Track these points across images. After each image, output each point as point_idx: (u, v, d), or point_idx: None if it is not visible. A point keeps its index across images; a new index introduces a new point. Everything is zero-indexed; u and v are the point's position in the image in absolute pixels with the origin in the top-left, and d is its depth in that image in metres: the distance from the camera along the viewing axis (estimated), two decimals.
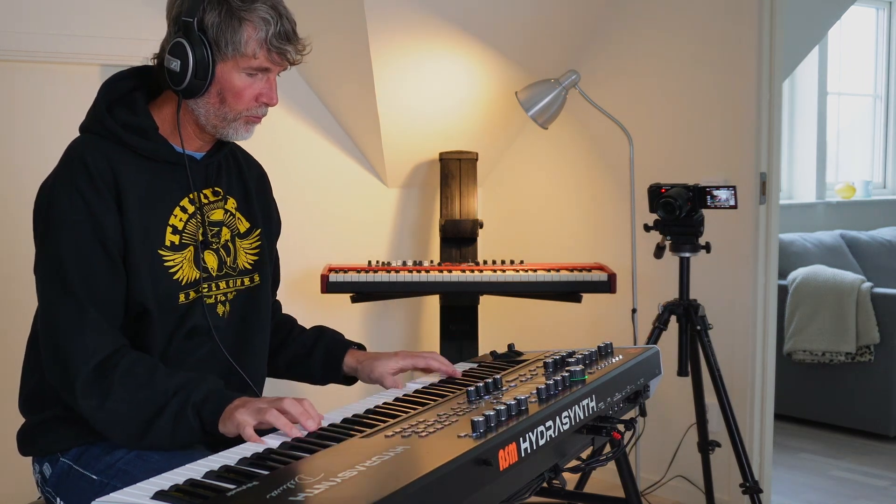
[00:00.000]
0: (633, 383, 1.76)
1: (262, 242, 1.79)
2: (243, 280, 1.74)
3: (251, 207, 1.78)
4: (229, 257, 1.71)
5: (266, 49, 1.58)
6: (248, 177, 1.80)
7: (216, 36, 1.57)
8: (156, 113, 1.66)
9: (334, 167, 3.62)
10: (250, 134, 1.67)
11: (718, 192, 2.72)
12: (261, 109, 1.65)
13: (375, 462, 1.18)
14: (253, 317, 1.76)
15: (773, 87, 3.09)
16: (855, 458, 3.91)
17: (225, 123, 1.63)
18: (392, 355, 1.81)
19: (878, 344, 4.10)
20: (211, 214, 1.69)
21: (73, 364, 1.50)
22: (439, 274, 3.04)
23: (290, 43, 1.60)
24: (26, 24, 2.83)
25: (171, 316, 1.62)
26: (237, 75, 1.59)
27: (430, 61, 3.38)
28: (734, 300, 3.19)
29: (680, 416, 3.29)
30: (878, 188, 6.29)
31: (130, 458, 1.56)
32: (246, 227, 1.76)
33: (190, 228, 1.65)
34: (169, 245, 1.61)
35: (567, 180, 3.73)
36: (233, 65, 1.58)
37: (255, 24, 1.56)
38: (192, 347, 1.65)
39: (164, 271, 1.60)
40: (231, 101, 1.61)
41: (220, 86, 1.60)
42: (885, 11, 6.14)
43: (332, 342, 1.87)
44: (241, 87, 1.60)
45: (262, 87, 1.62)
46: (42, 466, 1.66)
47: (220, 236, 1.70)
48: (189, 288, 1.64)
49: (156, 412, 1.49)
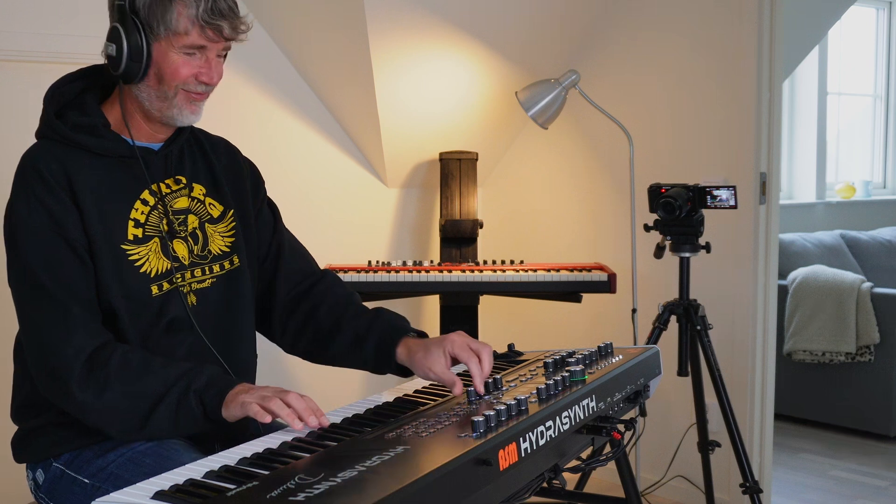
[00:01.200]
0: (633, 383, 1.75)
1: (237, 224, 1.75)
2: (222, 264, 1.71)
3: (221, 190, 1.75)
4: (197, 245, 1.68)
5: (199, 26, 1.55)
6: (214, 160, 1.77)
7: (147, 16, 1.55)
8: (108, 110, 1.65)
9: (334, 167, 3.62)
10: (197, 116, 1.64)
11: (718, 192, 2.71)
12: (199, 86, 1.61)
13: (375, 462, 1.18)
14: (236, 300, 1.72)
15: (773, 87, 3.09)
16: (855, 458, 3.91)
17: (167, 104, 1.60)
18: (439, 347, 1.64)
19: (878, 344, 4.10)
20: (174, 203, 1.67)
21: (64, 364, 1.49)
22: (439, 274, 3.04)
23: (224, 18, 1.56)
24: (23, 24, 2.83)
25: (146, 311, 1.60)
26: (173, 55, 1.57)
27: (430, 61, 3.38)
28: (734, 300, 3.19)
29: (680, 416, 3.29)
30: (878, 188, 6.29)
31: (122, 462, 1.55)
32: (219, 210, 1.73)
33: (153, 220, 1.63)
34: (132, 239, 1.60)
35: (567, 180, 3.73)
36: (167, 44, 1.56)
37: (184, 2, 1.54)
38: (174, 341, 1.63)
39: (130, 265, 1.58)
40: (168, 80, 1.58)
41: (158, 67, 1.57)
42: (885, 11, 6.14)
43: (386, 329, 1.73)
44: (178, 65, 1.57)
45: (200, 66, 1.59)
46: (35, 473, 1.66)
47: (186, 224, 1.68)
48: (162, 279, 1.62)
49: (156, 401, 1.49)
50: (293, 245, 1.88)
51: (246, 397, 1.44)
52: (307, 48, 3.39)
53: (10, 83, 2.86)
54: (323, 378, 3.39)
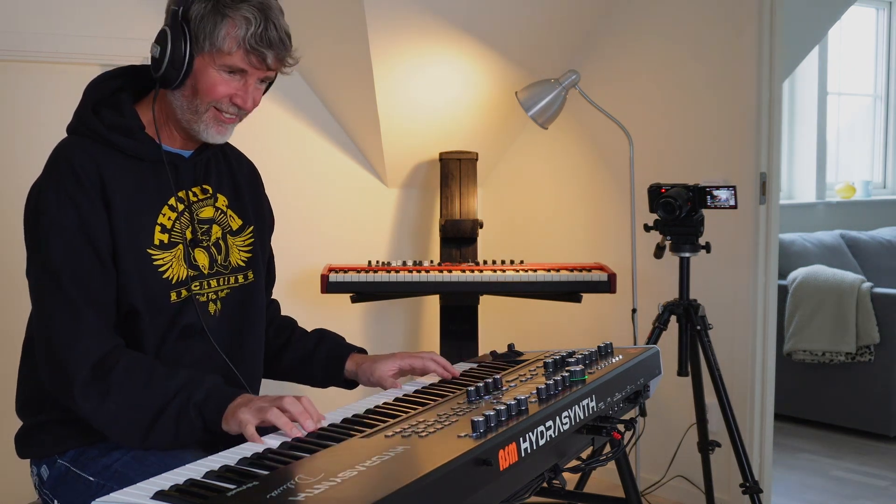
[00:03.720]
0: (633, 383, 1.76)
1: (255, 239, 1.78)
2: (237, 277, 1.73)
3: (243, 204, 1.77)
4: (220, 255, 1.70)
5: (244, 49, 1.55)
6: (239, 174, 1.79)
7: (197, 28, 1.55)
8: (142, 113, 1.66)
9: (334, 167, 3.62)
10: (223, 136, 1.64)
11: (718, 192, 2.71)
12: (231, 107, 1.61)
13: (375, 462, 1.18)
14: (248, 314, 1.75)
15: (773, 87, 3.09)
16: (855, 458, 3.91)
17: (196, 117, 1.61)
18: (390, 357, 1.81)
19: (878, 344, 4.10)
20: (200, 212, 1.68)
21: (71, 367, 1.50)
22: (439, 274, 3.04)
23: (271, 48, 1.56)
24: (26, 23, 2.83)
25: (162, 316, 1.61)
26: (213, 71, 1.57)
27: (430, 61, 3.38)
28: (734, 300, 3.19)
29: (680, 416, 3.29)
30: (878, 188, 6.29)
31: (127, 460, 1.55)
32: (238, 224, 1.76)
33: (178, 227, 1.64)
34: (158, 244, 1.61)
35: (567, 180, 3.73)
36: (209, 59, 1.56)
37: (235, 22, 1.54)
38: (186, 348, 1.65)
39: (153, 270, 1.59)
40: (202, 94, 1.58)
41: (195, 79, 1.58)
42: (885, 11, 6.14)
43: (334, 346, 1.87)
44: (215, 82, 1.58)
45: (237, 88, 1.60)
46: (40, 469, 1.66)
47: (210, 234, 1.69)
48: (180, 286, 1.63)
49: (157, 412, 1.49)
50: None
51: (243, 414, 1.43)
52: (307, 48, 3.38)
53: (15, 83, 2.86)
54: None
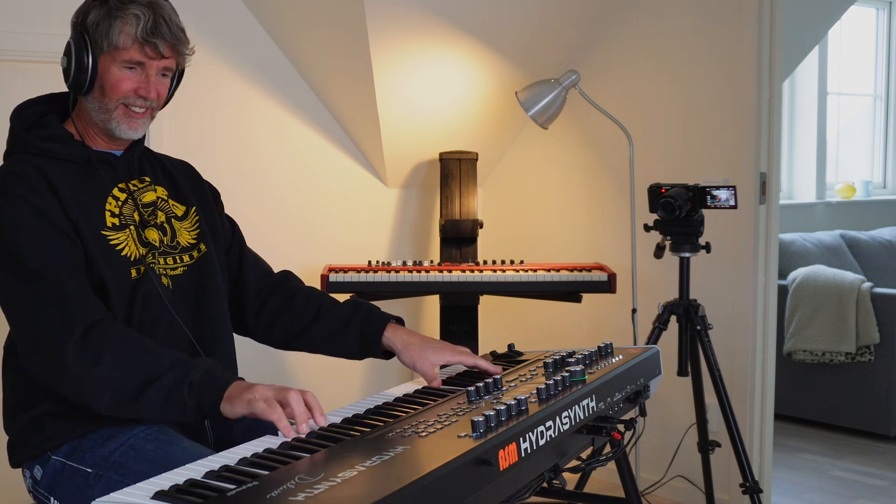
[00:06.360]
0: (633, 383, 1.76)
1: (201, 218, 1.85)
2: (191, 254, 1.80)
3: (181, 193, 1.86)
4: (166, 236, 1.78)
5: (138, 42, 1.67)
6: (171, 167, 1.89)
7: (95, 32, 1.68)
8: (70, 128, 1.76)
9: (334, 167, 3.62)
10: (135, 132, 1.74)
11: (718, 192, 2.72)
12: (138, 100, 1.71)
13: (375, 462, 1.18)
14: (209, 284, 1.81)
15: (773, 87, 3.09)
16: (855, 458, 3.91)
17: (108, 116, 1.71)
18: (440, 349, 1.79)
19: (878, 344, 4.10)
20: (142, 197, 1.77)
21: (60, 337, 1.52)
22: (439, 274, 3.04)
23: (162, 38, 1.68)
24: (23, 23, 2.83)
25: (124, 291, 1.67)
26: (115, 69, 1.69)
27: (430, 61, 3.38)
28: (734, 300, 3.19)
29: (680, 416, 3.29)
30: (878, 188, 6.29)
31: (124, 450, 1.57)
32: (182, 210, 1.84)
33: (126, 211, 1.73)
34: (111, 226, 1.69)
35: (567, 180, 3.73)
36: (110, 59, 1.69)
37: (127, 20, 1.67)
38: (152, 320, 1.69)
39: (111, 249, 1.67)
40: (109, 92, 1.70)
41: (102, 80, 1.70)
42: (885, 11, 6.15)
43: (370, 316, 1.86)
44: (119, 78, 1.69)
45: (140, 81, 1.71)
46: (33, 470, 1.66)
47: (156, 215, 1.78)
48: (139, 263, 1.70)
49: (149, 380, 1.51)
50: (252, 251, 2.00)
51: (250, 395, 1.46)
52: (307, 48, 3.39)
53: (13, 83, 2.86)
54: (323, 378, 3.39)
